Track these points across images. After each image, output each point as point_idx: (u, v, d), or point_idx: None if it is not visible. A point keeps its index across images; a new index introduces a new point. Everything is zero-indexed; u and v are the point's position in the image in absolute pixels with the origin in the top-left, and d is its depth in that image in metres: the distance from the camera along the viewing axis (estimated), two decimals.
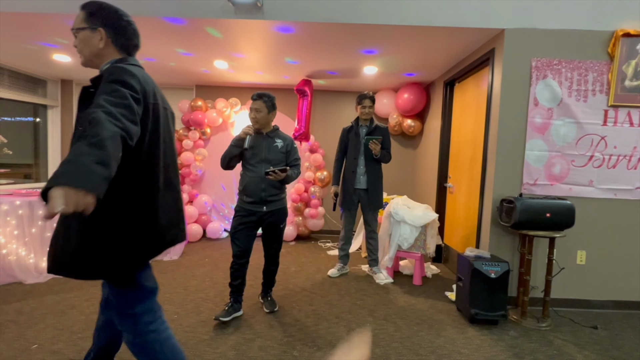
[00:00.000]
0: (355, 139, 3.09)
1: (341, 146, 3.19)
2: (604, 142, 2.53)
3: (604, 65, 2.49)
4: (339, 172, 3.22)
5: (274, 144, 2.27)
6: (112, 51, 1.23)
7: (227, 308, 2.22)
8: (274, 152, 2.25)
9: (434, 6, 2.44)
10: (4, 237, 2.67)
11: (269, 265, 2.44)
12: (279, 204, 2.29)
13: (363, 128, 3.10)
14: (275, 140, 2.28)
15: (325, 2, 2.44)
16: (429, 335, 2.13)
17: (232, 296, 2.27)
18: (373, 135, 2.99)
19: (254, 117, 2.23)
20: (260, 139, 2.26)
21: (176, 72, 4.05)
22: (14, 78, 4.04)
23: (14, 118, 4.30)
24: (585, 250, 2.59)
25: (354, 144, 3.09)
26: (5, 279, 2.70)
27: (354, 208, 3.14)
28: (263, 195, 2.20)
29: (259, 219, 2.24)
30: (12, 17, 2.58)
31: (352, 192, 3.09)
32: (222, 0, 2.39)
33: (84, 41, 1.19)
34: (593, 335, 2.22)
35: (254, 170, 2.21)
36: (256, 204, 2.22)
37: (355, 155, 3.07)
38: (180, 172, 2.38)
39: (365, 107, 3.03)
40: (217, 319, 2.15)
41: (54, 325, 2.09)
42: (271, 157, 2.23)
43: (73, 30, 1.21)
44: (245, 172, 2.25)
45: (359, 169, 3.07)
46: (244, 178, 2.24)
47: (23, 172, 4.43)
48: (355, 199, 3.11)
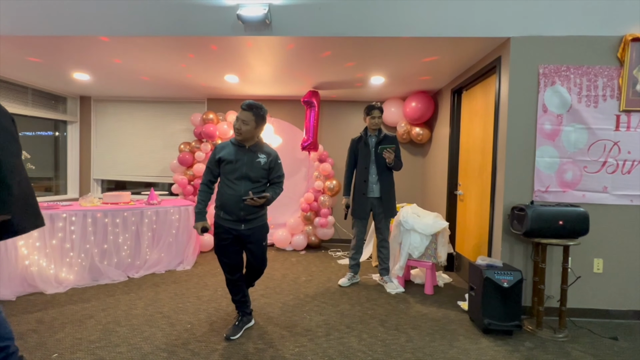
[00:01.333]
0: (365, 149, 3.11)
1: (351, 157, 3.22)
2: (617, 147, 2.48)
3: (614, 70, 2.47)
4: (350, 182, 3.24)
5: (256, 160, 2.06)
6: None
7: (237, 323, 2.21)
8: (255, 169, 2.05)
9: (439, 17, 2.47)
10: (26, 249, 2.79)
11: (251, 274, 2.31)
12: (259, 221, 2.12)
13: (372, 138, 3.13)
14: (259, 156, 2.07)
15: (332, 17, 2.51)
16: (441, 345, 2.11)
17: (239, 310, 2.25)
18: (383, 144, 3.02)
19: (238, 128, 2.01)
20: (242, 152, 2.05)
21: (188, 87, 4.18)
22: (37, 96, 4.26)
23: (35, 132, 4.51)
24: (602, 258, 2.53)
25: (364, 154, 3.12)
26: (27, 289, 2.80)
27: (366, 217, 3.15)
28: (242, 214, 2.03)
29: (238, 236, 2.09)
30: (36, 40, 2.75)
31: (364, 202, 3.10)
32: (232, 18, 2.48)
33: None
34: (613, 346, 2.15)
35: (232, 187, 2.02)
36: (234, 222, 2.05)
37: (366, 165, 3.10)
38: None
39: (374, 117, 3.07)
40: (227, 338, 2.10)
41: (72, 335, 2.15)
42: (252, 174, 2.04)
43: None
44: (223, 188, 2.06)
45: (370, 177, 3.09)
46: (222, 194, 2.05)
47: (44, 185, 4.62)
48: (368, 207, 3.12)
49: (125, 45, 2.81)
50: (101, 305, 2.61)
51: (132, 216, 3.30)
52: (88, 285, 3.01)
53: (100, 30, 2.58)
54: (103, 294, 2.82)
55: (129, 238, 3.29)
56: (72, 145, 4.85)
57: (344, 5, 2.46)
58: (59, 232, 2.95)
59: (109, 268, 3.15)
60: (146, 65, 3.35)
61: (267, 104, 4.66)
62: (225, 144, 2.10)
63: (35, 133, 4.52)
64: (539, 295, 2.32)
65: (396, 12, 2.47)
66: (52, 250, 2.92)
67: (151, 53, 2.97)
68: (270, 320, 2.42)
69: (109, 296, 2.78)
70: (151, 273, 3.36)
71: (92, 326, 2.27)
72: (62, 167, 4.84)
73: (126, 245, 3.27)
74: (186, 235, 3.66)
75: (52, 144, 4.76)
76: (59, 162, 4.81)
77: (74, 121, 4.83)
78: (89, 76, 3.78)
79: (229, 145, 2.09)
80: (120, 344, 2.05)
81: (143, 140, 4.89)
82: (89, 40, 2.72)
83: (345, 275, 3.27)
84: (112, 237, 3.19)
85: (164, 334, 2.17)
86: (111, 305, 2.61)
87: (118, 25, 2.56)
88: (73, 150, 4.86)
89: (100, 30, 2.59)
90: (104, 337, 2.12)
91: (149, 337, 2.13)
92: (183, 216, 3.62)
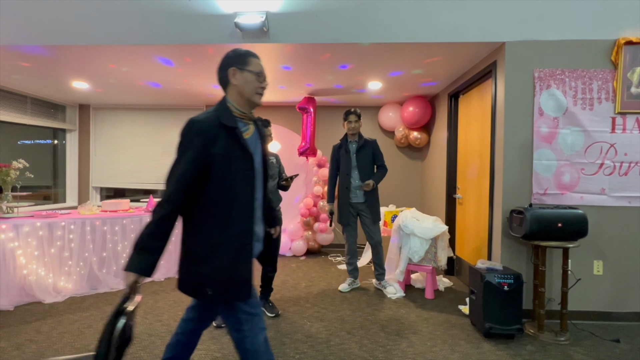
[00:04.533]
0: (346, 156, 3.12)
1: (333, 164, 3.23)
2: (613, 149, 2.50)
3: (608, 73, 2.50)
4: (333, 189, 3.25)
5: (270, 161, 2.49)
6: None
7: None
8: (272, 168, 2.56)
9: (434, 23, 2.50)
10: (25, 258, 2.77)
11: (268, 272, 2.61)
12: (278, 213, 2.60)
13: (352, 144, 3.13)
14: (270, 158, 2.57)
15: (329, 24, 2.53)
16: (442, 350, 2.09)
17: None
18: (363, 149, 3.05)
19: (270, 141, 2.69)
20: None
21: (187, 94, 4.21)
22: (36, 105, 4.27)
23: (34, 141, 4.51)
24: (601, 260, 2.53)
25: (345, 161, 3.12)
26: (25, 299, 2.78)
27: (353, 222, 3.15)
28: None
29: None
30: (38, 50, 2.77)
31: (348, 207, 3.11)
32: (231, 26, 2.51)
33: None
34: (615, 349, 2.14)
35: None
36: None
37: (348, 172, 3.10)
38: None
39: (351, 122, 3.07)
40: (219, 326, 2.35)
41: (71, 345, 2.13)
42: (271, 172, 2.52)
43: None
44: None
45: (354, 182, 3.10)
46: None
47: (43, 193, 4.61)
48: (354, 212, 3.13)
49: (123, 53, 2.84)
50: (100, 314, 2.59)
51: (131, 224, 3.29)
52: (87, 294, 3.00)
53: (99, 39, 2.60)
54: (102, 303, 2.80)
55: (128, 246, 3.27)
56: (71, 154, 4.85)
57: (340, 13, 2.49)
58: (58, 241, 2.94)
59: (108, 276, 3.14)
60: (145, 73, 3.38)
61: (265, 110, 4.70)
62: None
63: (34, 141, 4.52)
64: (539, 298, 2.31)
65: (392, 19, 2.50)
66: (51, 259, 2.91)
67: (150, 61, 2.99)
68: (270, 326, 2.40)
69: (108, 305, 2.76)
70: (150, 280, 3.34)
71: (91, 335, 2.25)
72: (61, 175, 4.83)
73: (125, 253, 3.26)
74: None
75: (51, 152, 4.76)
76: (57, 170, 4.81)
77: (73, 129, 4.84)
78: (88, 84, 3.80)
79: None
80: None
81: (142, 147, 4.90)
82: (88, 49, 2.74)
83: (345, 281, 3.26)
84: (111, 245, 3.17)
85: (163, 343, 2.16)
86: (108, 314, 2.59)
87: (117, 34, 2.58)
88: (72, 158, 4.86)
89: (99, 40, 2.61)
90: None
91: (148, 346, 2.11)
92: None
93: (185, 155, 1.15)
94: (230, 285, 1.18)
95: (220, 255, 1.16)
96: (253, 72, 1.24)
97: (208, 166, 1.15)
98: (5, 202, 3.02)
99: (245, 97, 1.24)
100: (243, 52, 1.25)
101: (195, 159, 1.14)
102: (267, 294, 2.65)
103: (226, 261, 1.17)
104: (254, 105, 1.27)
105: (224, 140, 1.17)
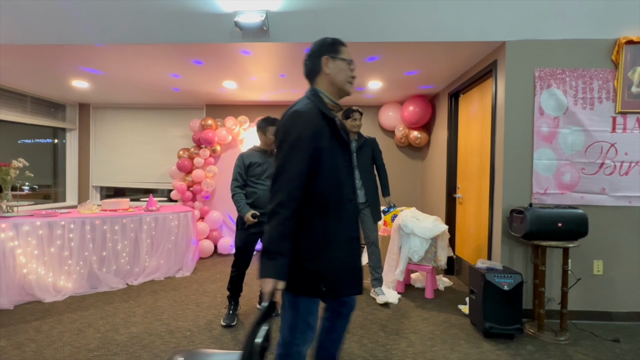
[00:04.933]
0: None
1: None
2: (614, 149, 2.50)
3: (609, 72, 2.49)
4: None
5: (270, 160, 2.51)
6: None
7: (231, 312, 2.45)
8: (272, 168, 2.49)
9: (434, 22, 2.50)
10: (24, 257, 2.77)
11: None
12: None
13: (353, 142, 2.99)
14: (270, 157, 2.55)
15: (329, 23, 2.53)
16: (442, 350, 2.09)
17: (232, 299, 2.50)
18: (364, 148, 2.92)
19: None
20: (266, 156, 2.49)
21: (187, 93, 4.20)
22: (36, 104, 4.27)
23: (34, 140, 4.51)
24: (602, 260, 2.53)
25: None
26: (25, 298, 2.78)
27: None
28: None
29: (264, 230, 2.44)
30: (36, 49, 2.77)
31: None
32: (230, 25, 2.50)
33: None
34: (615, 348, 2.14)
35: (265, 184, 2.43)
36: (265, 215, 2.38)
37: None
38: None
39: (355, 119, 2.92)
40: (229, 325, 2.38)
41: (71, 344, 2.13)
42: (271, 171, 2.47)
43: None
44: (255, 187, 2.44)
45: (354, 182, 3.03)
46: (254, 192, 2.43)
47: (43, 192, 4.61)
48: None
49: (123, 52, 2.83)
50: (100, 313, 2.59)
51: (131, 223, 3.29)
52: (87, 293, 3.00)
53: (99, 38, 2.60)
54: (102, 302, 2.80)
55: (128, 245, 3.27)
56: (71, 153, 4.85)
57: (340, 12, 2.48)
58: (58, 240, 2.94)
59: (108, 275, 3.14)
60: (144, 72, 3.37)
61: (266, 109, 4.69)
62: (250, 153, 2.48)
63: (34, 140, 4.52)
64: (539, 298, 2.31)
65: (392, 18, 2.49)
66: (51, 258, 2.91)
67: (150, 60, 2.99)
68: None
69: (108, 304, 2.76)
70: (150, 280, 3.34)
71: (91, 334, 2.25)
72: (61, 174, 4.83)
73: (125, 252, 3.26)
74: (185, 242, 3.65)
75: (51, 151, 4.76)
76: (57, 169, 4.81)
77: (73, 128, 4.84)
78: (87, 84, 3.80)
79: (254, 153, 2.48)
80: (119, 352, 2.03)
81: (142, 146, 4.90)
82: (87, 48, 2.74)
83: None
84: (111, 244, 3.17)
85: (163, 342, 2.16)
86: (110, 313, 2.59)
87: (117, 33, 2.58)
88: (72, 157, 4.86)
89: (99, 39, 2.60)
90: (102, 346, 2.10)
91: (148, 345, 2.12)
92: (182, 222, 3.61)
93: (297, 149, 1.08)
94: (344, 281, 1.16)
95: (334, 251, 1.14)
96: (346, 59, 1.22)
97: (318, 159, 1.11)
98: (5, 201, 3.02)
99: (337, 86, 1.22)
100: (334, 41, 1.23)
101: (307, 153, 1.08)
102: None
103: (339, 257, 1.15)
104: (344, 94, 1.25)
105: (327, 132, 1.13)
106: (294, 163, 1.08)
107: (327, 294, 1.16)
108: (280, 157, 1.11)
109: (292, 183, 1.07)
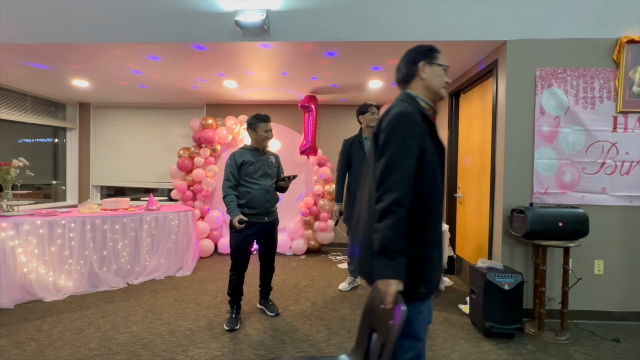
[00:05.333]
0: (360, 152, 2.92)
1: (344, 160, 2.99)
2: (615, 148, 2.49)
3: (610, 72, 2.48)
4: (342, 187, 3.02)
5: (269, 160, 2.49)
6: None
7: (234, 316, 2.40)
8: (271, 167, 2.48)
9: (435, 21, 2.49)
10: (25, 256, 2.77)
11: (267, 272, 2.60)
12: (275, 214, 2.53)
13: (368, 140, 2.94)
14: (269, 157, 2.51)
15: (329, 22, 2.52)
16: (443, 349, 2.09)
17: (234, 304, 2.44)
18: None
19: (270, 137, 2.46)
20: (259, 155, 2.45)
21: (187, 92, 4.20)
22: (36, 103, 4.27)
23: (34, 139, 4.51)
24: (602, 259, 2.52)
25: (360, 158, 2.92)
26: (26, 297, 2.78)
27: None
28: (267, 205, 2.41)
29: (259, 230, 2.41)
30: (35, 48, 2.76)
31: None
32: (231, 24, 2.50)
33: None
34: (615, 348, 2.13)
35: (259, 183, 2.38)
36: (259, 215, 2.39)
37: (362, 170, 3.02)
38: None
39: (374, 113, 2.88)
40: (232, 329, 2.31)
41: (71, 343, 2.13)
42: (269, 170, 2.47)
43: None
44: (248, 187, 2.38)
45: None
46: (248, 192, 2.37)
47: (43, 192, 4.61)
48: None
49: (124, 51, 2.83)
50: (100, 312, 2.59)
51: (131, 222, 3.29)
52: (87, 292, 3.00)
53: (100, 37, 2.60)
54: (102, 301, 2.80)
55: (128, 244, 3.27)
56: (71, 152, 4.85)
57: (341, 11, 2.48)
58: (58, 239, 2.94)
59: (108, 275, 3.14)
60: (145, 71, 3.37)
61: (265, 108, 4.69)
62: (241, 151, 2.42)
63: (34, 140, 4.52)
64: (540, 297, 2.31)
65: (393, 17, 2.49)
66: (51, 258, 2.91)
67: (150, 59, 2.99)
68: (270, 325, 2.40)
69: (108, 303, 2.76)
70: (150, 279, 3.34)
71: (91, 334, 2.25)
72: (62, 173, 4.83)
73: (125, 252, 3.26)
74: (185, 241, 3.65)
75: (52, 150, 4.76)
76: (58, 168, 4.81)
77: (73, 128, 4.84)
78: (88, 83, 3.80)
79: (245, 151, 2.42)
80: (119, 352, 2.03)
81: (142, 146, 4.90)
82: (87, 47, 2.73)
83: (345, 280, 3.26)
84: (111, 244, 3.17)
85: (163, 341, 2.16)
86: (110, 312, 2.59)
87: (117, 32, 2.58)
88: (72, 156, 4.86)
89: (100, 38, 2.60)
90: (103, 345, 2.11)
91: (148, 345, 2.12)
92: (182, 222, 3.61)
93: (405, 148, 1.09)
94: (438, 281, 1.17)
95: (437, 252, 1.15)
96: (442, 65, 1.26)
97: (422, 159, 1.12)
98: (6, 201, 3.02)
99: (432, 91, 1.25)
100: (430, 47, 1.28)
101: (415, 151, 1.09)
102: (267, 292, 2.65)
103: (439, 257, 1.17)
104: (438, 98, 1.28)
105: (427, 133, 1.16)
106: (405, 161, 1.08)
107: (424, 296, 1.15)
108: (388, 155, 1.10)
109: (405, 181, 1.08)
